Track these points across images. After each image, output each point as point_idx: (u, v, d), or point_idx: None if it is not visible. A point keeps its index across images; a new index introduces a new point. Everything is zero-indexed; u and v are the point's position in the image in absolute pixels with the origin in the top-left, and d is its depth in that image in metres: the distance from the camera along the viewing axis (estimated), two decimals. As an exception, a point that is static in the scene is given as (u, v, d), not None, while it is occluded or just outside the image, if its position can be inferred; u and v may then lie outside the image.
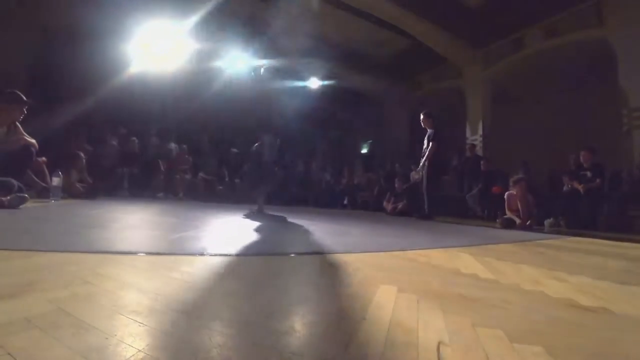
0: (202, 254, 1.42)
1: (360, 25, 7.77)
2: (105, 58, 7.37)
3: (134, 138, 6.81)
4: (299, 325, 0.73)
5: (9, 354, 0.52)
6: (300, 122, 10.26)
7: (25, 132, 3.49)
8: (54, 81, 7.40)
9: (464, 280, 1.28)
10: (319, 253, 1.66)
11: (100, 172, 5.71)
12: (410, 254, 1.84)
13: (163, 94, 8.07)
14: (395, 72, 9.66)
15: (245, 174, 4.24)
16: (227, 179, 7.53)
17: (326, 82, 9.53)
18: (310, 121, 10.25)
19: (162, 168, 6.52)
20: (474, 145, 7.55)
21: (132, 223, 2.40)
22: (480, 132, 8.03)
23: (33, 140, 3.47)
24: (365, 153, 11.78)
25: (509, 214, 4.59)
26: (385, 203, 6.89)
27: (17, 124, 3.42)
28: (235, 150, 8.18)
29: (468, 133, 8.26)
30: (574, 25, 6.42)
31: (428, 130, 5.37)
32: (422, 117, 5.41)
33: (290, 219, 3.61)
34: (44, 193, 3.85)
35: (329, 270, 1.30)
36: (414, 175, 7.42)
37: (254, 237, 2.17)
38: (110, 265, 1.14)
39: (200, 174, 7.20)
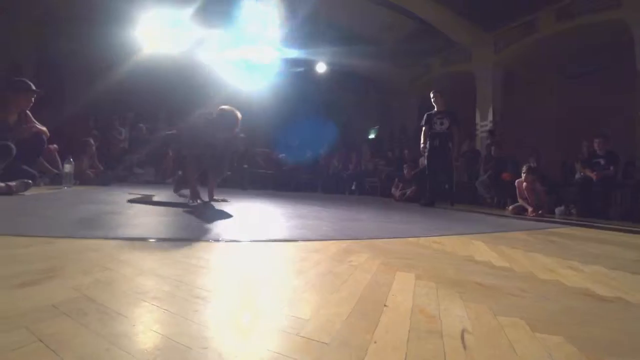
0: (217, 240, 1.43)
1: (367, 8, 7.58)
2: (110, 45, 7.36)
3: (142, 124, 6.84)
4: (321, 312, 0.73)
5: (40, 340, 0.53)
6: (306, 108, 10.24)
7: (36, 120, 3.52)
8: (60, 70, 7.43)
9: (479, 268, 1.28)
10: (332, 239, 1.66)
11: (110, 158, 5.76)
12: (423, 240, 1.84)
13: (170, 78, 8.04)
14: (403, 56, 9.46)
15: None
16: (235, 165, 7.54)
17: (332, 68, 9.39)
18: (317, 107, 10.20)
19: (170, 153, 6.54)
20: (492, 132, 7.38)
21: (145, 209, 2.42)
22: (490, 117, 7.88)
23: (44, 128, 3.50)
24: (373, 139, 11.69)
25: (520, 202, 4.56)
26: (393, 189, 6.87)
27: (28, 112, 3.45)
28: (243, 135, 8.16)
29: (478, 118, 8.11)
30: (589, 6, 6.19)
31: (438, 109, 5.17)
32: (433, 95, 5.22)
33: (301, 205, 3.62)
34: (56, 180, 3.90)
35: (343, 257, 1.30)
36: (423, 162, 7.41)
37: (263, 223, 2.18)
38: (128, 251, 1.16)
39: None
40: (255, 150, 8.28)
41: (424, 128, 5.22)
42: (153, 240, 1.36)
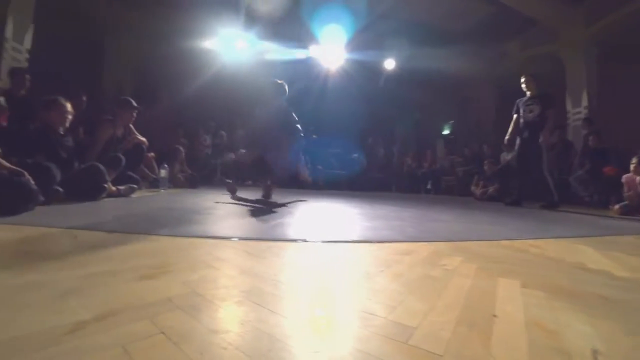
0: (305, 241, 1.46)
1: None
2: (191, 61, 8.09)
3: (222, 132, 7.36)
4: (428, 319, 0.69)
5: (162, 332, 0.57)
6: (378, 106, 10.07)
7: (137, 131, 4.01)
8: (153, 87, 8.39)
9: (596, 277, 1.11)
10: (420, 241, 1.59)
11: (196, 163, 6.30)
12: (518, 243, 1.67)
13: (244, 86, 8.53)
14: (477, 44, 8.77)
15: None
16: (309, 165, 7.71)
17: (402, 63, 9.10)
18: (389, 105, 9.98)
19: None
20: (589, 120, 6.46)
21: (233, 210, 2.57)
22: (584, 103, 6.91)
23: (144, 139, 3.95)
24: (448, 134, 11.09)
25: (627, 200, 3.93)
26: (473, 187, 6.42)
27: (131, 125, 3.93)
28: (315, 136, 8.33)
29: (569, 105, 7.15)
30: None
31: (530, 95, 4.59)
32: (525, 79, 4.67)
33: (379, 205, 3.55)
34: (154, 184, 4.38)
35: (436, 260, 1.23)
36: (505, 157, 6.80)
37: (345, 224, 2.17)
38: (226, 249, 1.23)
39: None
40: (328, 151, 8.38)
41: (514, 117, 4.73)
42: (245, 240, 1.43)
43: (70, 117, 2.90)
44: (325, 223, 2.18)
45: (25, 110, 4.01)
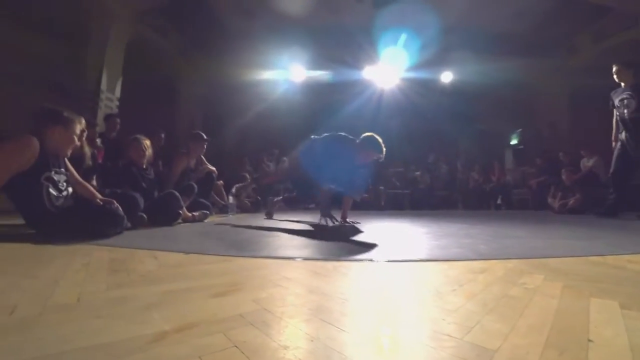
0: (371, 260, 1.43)
1: (488, 1, 6.88)
2: (253, 92, 8.67)
3: (285, 158, 7.66)
4: (509, 341, 0.62)
5: (235, 346, 0.59)
6: (438, 120, 9.77)
7: (207, 161, 4.35)
8: (221, 120, 9.13)
9: None
10: (494, 259, 1.47)
11: (261, 188, 6.59)
12: (612, 259, 1.46)
13: (306, 113, 8.87)
14: (541, 43, 8.15)
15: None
16: (370, 187, 7.64)
17: (461, 74, 8.77)
18: (449, 119, 9.62)
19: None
20: None
21: (297, 231, 2.63)
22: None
23: (213, 168, 4.27)
24: (516, 144, 10.31)
25: None
26: (550, 199, 5.84)
27: (202, 156, 4.28)
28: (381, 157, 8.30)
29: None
30: None
31: (625, 86, 3.91)
32: (616, 68, 4.00)
33: (445, 223, 3.38)
34: (224, 209, 4.66)
35: (514, 278, 1.12)
36: (586, 163, 6.10)
37: (411, 242, 2.10)
38: (293, 269, 1.25)
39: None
40: (389, 171, 8.27)
41: (614, 113, 4.04)
42: (311, 260, 1.44)
43: (148, 152, 3.24)
44: (390, 242, 2.12)
45: (116, 149, 4.58)
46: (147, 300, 0.85)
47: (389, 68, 8.26)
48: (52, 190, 1.99)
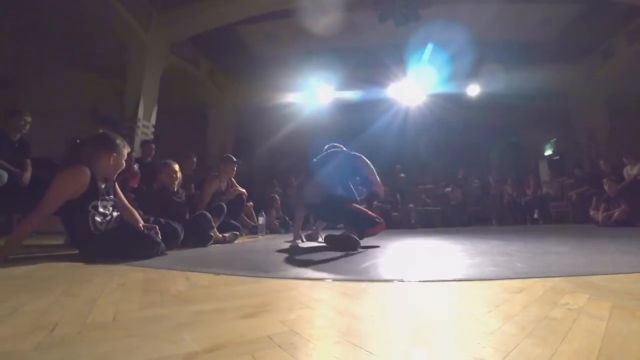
0: (401, 280, 1.40)
1: (512, 11, 6.77)
2: (282, 115, 8.90)
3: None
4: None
5: (263, 367, 0.59)
6: (468, 135, 9.57)
7: (237, 183, 4.47)
8: (251, 143, 9.42)
9: None
10: (533, 277, 1.39)
11: (289, 209, 6.65)
12: None
13: (334, 133, 9.00)
14: (572, 48, 7.85)
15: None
16: (400, 205, 7.54)
17: (489, 87, 8.59)
18: (479, 133, 9.41)
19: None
20: None
21: (324, 252, 2.61)
22: None
23: (243, 190, 4.37)
24: (551, 155, 9.88)
25: None
26: (592, 212, 5.52)
27: (232, 178, 4.40)
28: (403, 175, 8.20)
29: None
30: None
31: None
32: None
33: (479, 240, 3.26)
34: (253, 230, 4.73)
35: (555, 298, 1.05)
36: (629, 172, 5.73)
37: (444, 261, 2.03)
38: (321, 290, 1.24)
39: (375, 202, 7.46)
40: (419, 188, 8.15)
41: None
42: (340, 281, 1.42)
43: (178, 176, 3.37)
44: (420, 261, 2.07)
45: (151, 174, 4.80)
46: (178, 320, 0.87)
47: (415, 85, 8.25)
48: (97, 218, 2.13)
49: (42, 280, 1.43)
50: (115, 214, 2.26)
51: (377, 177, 3.17)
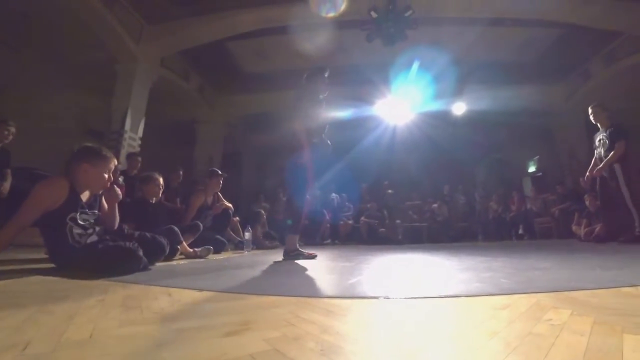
0: (387, 298, 1.39)
1: (495, 33, 7.04)
2: (270, 131, 8.94)
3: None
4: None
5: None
6: (453, 152, 9.76)
7: (224, 197, 4.43)
8: (239, 157, 9.39)
9: None
10: (517, 293, 1.40)
11: (276, 224, 6.61)
12: None
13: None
14: (553, 69, 8.22)
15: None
16: (387, 221, 7.57)
17: (473, 106, 8.83)
18: (465, 150, 9.60)
19: (327, 217, 7.10)
20: None
21: (314, 267, 2.60)
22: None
23: (230, 204, 4.34)
24: (535, 171, 10.13)
25: None
26: (574, 227, 5.65)
27: (218, 193, 4.37)
28: (390, 191, 8.26)
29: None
30: None
31: (602, 128, 4.38)
32: (591, 110, 4.45)
33: (465, 256, 3.28)
34: (239, 245, 4.66)
35: (539, 314, 1.06)
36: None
37: (431, 277, 2.03)
38: (307, 308, 1.21)
39: (362, 218, 7.48)
40: (406, 204, 8.22)
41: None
42: (325, 298, 1.41)
43: (160, 189, 3.35)
44: (406, 277, 2.07)
45: (134, 186, 4.73)
46: (158, 338, 0.85)
47: (402, 103, 8.42)
48: (75, 230, 2.07)
49: (16, 296, 1.37)
50: (97, 227, 2.20)
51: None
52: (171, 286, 1.57)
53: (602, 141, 4.32)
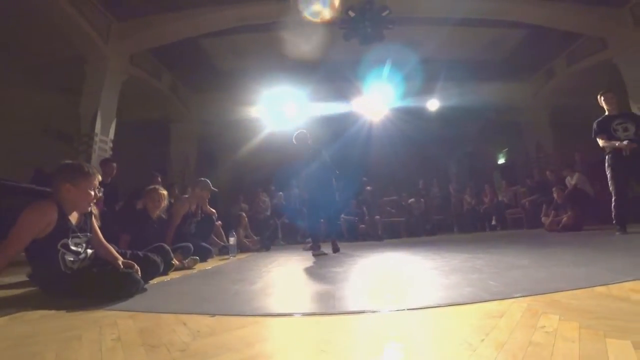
0: (374, 311, 1.42)
1: (463, 32, 7.30)
2: (247, 129, 8.83)
3: (281, 192, 7.72)
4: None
5: None
6: (426, 147, 10.04)
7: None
8: (215, 157, 9.23)
9: None
10: (508, 298, 1.49)
11: (258, 225, 6.59)
12: (615, 289, 1.49)
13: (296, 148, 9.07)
14: (520, 68, 8.64)
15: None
16: (366, 217, 7.70)
17: (445, 102, 9.12)
18: (438, 145, 9.89)
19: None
20: None
21: (310, 273, 2.66)
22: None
23: (214, 210, 4.31)
24: (505, 164, 10.61)
25: None
26: (543, 218, 6.01)
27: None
28: (369, 187, 8.40)
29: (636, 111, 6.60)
30: None
31: (614, 112, 4.28)
32: (604, 97, 4.35)
33: (447, 253, 3.44)
34: (223, 250, 4.64)
35: (532, 321, 1.14)
36: (570, 181, 6.31)
37: (420, 283, 2.12)
38: (290, 325, 1.25)
39: (342, 215, 7.56)
40: (384, 200, 8.39)
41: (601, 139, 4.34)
42: (309, 315, 1.45)
43: (163, 203, 3.29)
44: (393, 284, 2.15)
45: (114, 195, 4.59)
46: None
47: (378, 100, 8.55)
48: (68, 257, 1.97)
49: (28, 342, 1.20)
50: (89, 251, 2.09)
51: None
52: (179, 312, 1.52)
53: (623, 125, 4.17)
